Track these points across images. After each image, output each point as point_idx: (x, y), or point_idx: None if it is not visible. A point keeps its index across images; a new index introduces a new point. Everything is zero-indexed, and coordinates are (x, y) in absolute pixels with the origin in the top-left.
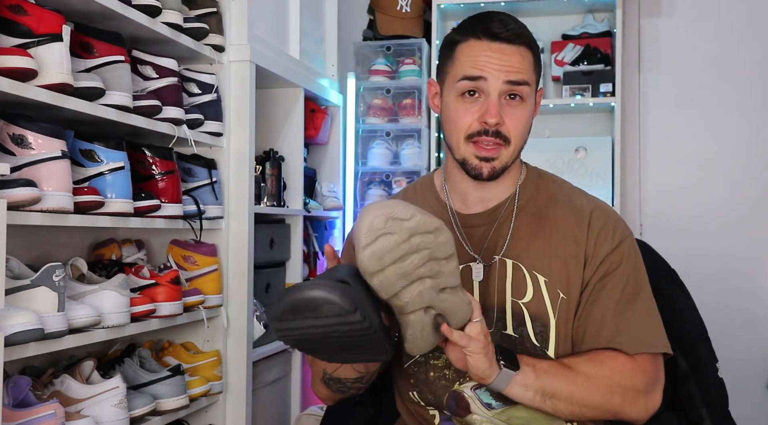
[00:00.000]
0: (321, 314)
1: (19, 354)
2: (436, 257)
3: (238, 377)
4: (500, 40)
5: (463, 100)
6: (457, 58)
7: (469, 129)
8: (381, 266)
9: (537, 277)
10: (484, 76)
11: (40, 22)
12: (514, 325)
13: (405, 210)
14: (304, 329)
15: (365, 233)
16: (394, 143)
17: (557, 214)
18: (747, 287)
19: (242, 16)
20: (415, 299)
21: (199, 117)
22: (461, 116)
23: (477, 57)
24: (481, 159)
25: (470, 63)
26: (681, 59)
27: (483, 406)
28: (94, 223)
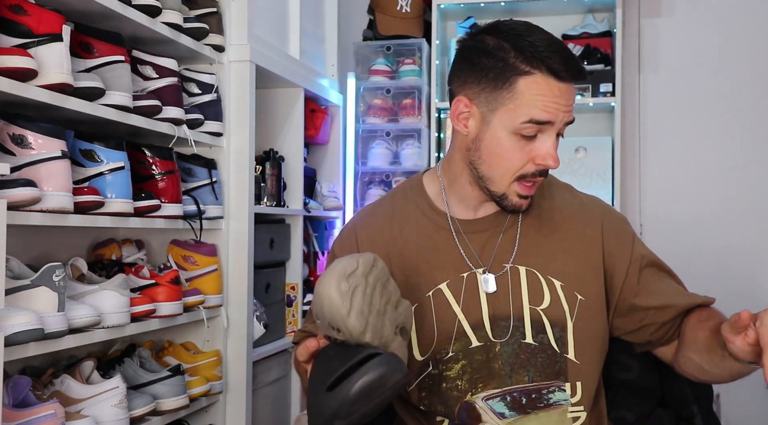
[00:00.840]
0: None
1: (19, 354)
2: (383, 281)
3: (238, 377)
4: (567, 80)
5: (519, 140)
6: (522, 95)
7: (523, 170)
8: (366, 321)
9: (553, 282)
10: (552, 122)
11: (40, 22)
12: (533, 333)
13: (349, 262)
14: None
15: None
16: (394, 143)
17: (564, 215)
18: (747, 286)
19: (242, 16)
20: (389, 327)
21: (199, 117)
22: (516, 156)
23: (546, 100)
24: (522, 197)
25: (540, 106)
26: (681, 59)
27: (496, 416)
28: (94, 223)
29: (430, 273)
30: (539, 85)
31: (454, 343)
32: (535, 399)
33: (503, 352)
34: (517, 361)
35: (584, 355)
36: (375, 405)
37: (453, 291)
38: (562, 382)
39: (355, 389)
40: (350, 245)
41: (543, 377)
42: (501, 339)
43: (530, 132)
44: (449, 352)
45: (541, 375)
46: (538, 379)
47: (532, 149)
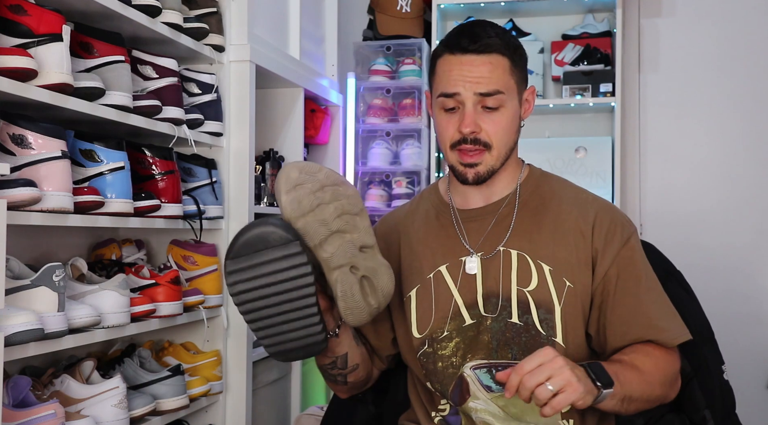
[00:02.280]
0: (270, 244)
1: (19, 354)
2: (349, 212)
3: (238, 377)
4: (469, 52)
5: (444, 114)
6: (437, 74)
7: (452, 139)
8: (301, 212)
9: (542, 266)
10: (456, 92)
11: (40, 22)
12: (519, 313)
13: (314, 166)
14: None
15: (284, 183)
16: (394, 143)
17: (561, 208)
18: (747, 286)
19: (242, 16)
20: (338, 252)
21: (199, 117)
22: (444, 127)
23: (450, 73)
24: (465, 165)
25: (445, 79)
26: (681, 59)
27: (483, 388)
28: (94, 223)
29: (432, 257)
30: (446, 62)
31: (450, 322)
32: None
33: (492, 327)
34: (503, 338)
35: (571, 340)
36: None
37: (452, 274)
38: None
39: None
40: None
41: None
42: (491, 315)
43: (449, 105)
44: (444, 331)
45: (524, 354)
46: (521, 358)
47: (455, 120)
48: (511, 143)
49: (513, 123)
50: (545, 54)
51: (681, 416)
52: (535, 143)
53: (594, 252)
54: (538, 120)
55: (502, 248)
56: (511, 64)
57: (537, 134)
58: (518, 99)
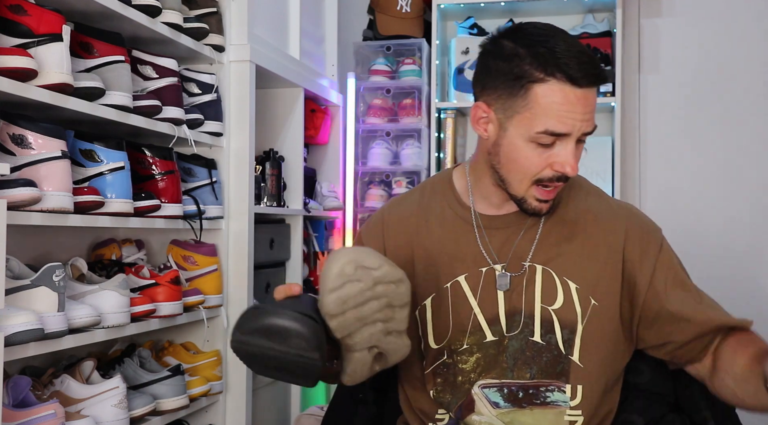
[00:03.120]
0: (288, 344)
1: (19, 354)
2: (393, 305)
3: (238, 377)
4: (591, 85)
5: (536, 147)
6: (537, 104)
7: (540, 174)
8: (342, 310)
9: (568, 283)
10: (568, 134)
11: (40, 22)
12: (542, 332)
13: (374, 259)
14: (263, 348)
15: (334, 278)
16: (394, 143)
17: (588, 219)
18: (747, 287)
19: (242, 16)
20: (364, 340)
21: (199, 117)
22: (531, 162)
23: (561, 110)
24: (541, 201)
25: (554, 117)
26: (681, 59)
27: (489, 404)
28: (94, 223)
29: (449, 265)
30: (554, 94)
31: (469, 336)
32: (532, 395)
33: (510, 345)
34: (521, 357)
35: (589, 359)
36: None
37: (471, 285)
38: (563, 383)
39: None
40: (377, 229)
41: (544, 375)
42: (511, 333)
43: (546, 141)
44: (464, 344)
45: (543, 373)
46: (539, 377)
47: (551, 155)
48: None
49: None
50: None
51: (682, 416)
52: None
53: (629, 265)
54: None
55: (527, 264)
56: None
57: None
58: None
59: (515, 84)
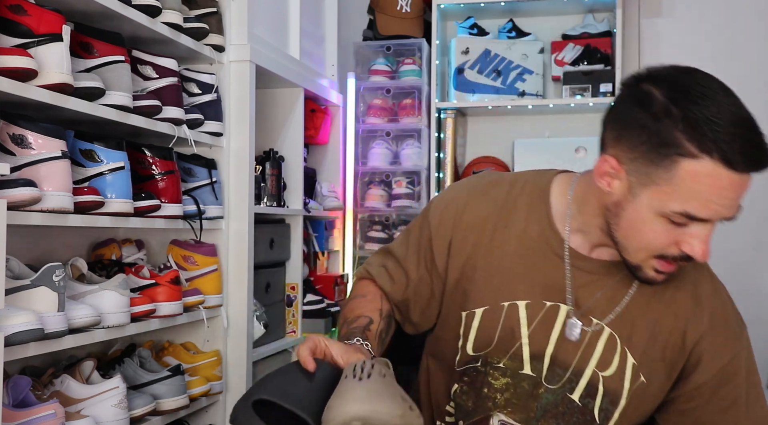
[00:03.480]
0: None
1: (19, 354)
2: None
3: (238, 377)
4: (743, 171)
5: (666, 223)
6: (682, 181)
7: (664, 250)
8: None
9: (627, 354)
10: (709, 220)
11: (40, 22)
12: (583, 393)
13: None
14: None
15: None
16: (394, 143)
17: (676, 296)
18: (747, 287)
19: (242, 16)
20: None
21: (199, 117)
22: (659, 238)
23: (708, 194)
24: (659, 272)
25: (698, 200)
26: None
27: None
28: (94, 223)
29: (514, 285)
30: (705, 175)
31: (509, 359)
32: None
33: (545, 397)
34: (552, 410)
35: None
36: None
37: (528, 314)
38: None
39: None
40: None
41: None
42: (550, 385)
43: (680, 221)
44: (500, 362)
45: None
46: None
47: (681, 234)
48: None
49: None
50: (545, 54)
51: None
52: (535, 143)
53: (694, 360)
54: (538, 120)
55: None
56: None
57: (537, 134)
58: None
59: (660, 151)
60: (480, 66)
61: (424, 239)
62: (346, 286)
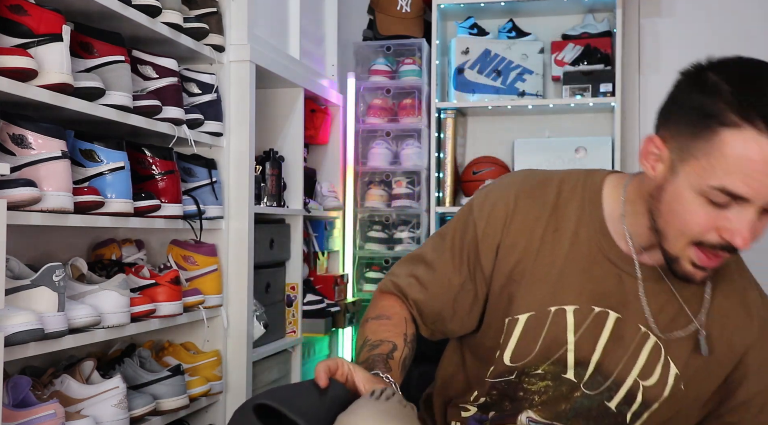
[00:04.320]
0: None
1: (19, 354)
2: None
3: (238, 377)
4: None
5: (706, 204)
6: (720, 153)
7: (702, 236)
8: None
9: (670, 364)
10: (749, 200)
11: (40, 22)
12: (620, 401)
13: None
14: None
15: None
16: (394, 143)
17: (724, 304)
18: None
19: (242, 16)
20: None
21: (199, 117)
22: (697, 220)
23: (749, 168)
24: (697, 267)
25: (738, 174)
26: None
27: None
28: (94, 223)
29: (562, 290)
30: (746, 146)
31: (550, 365)
32: None
33: (580, 401)
34: (585, 413)
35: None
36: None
37: (576, 319)
38: None
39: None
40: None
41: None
42: (588, 390)
43: (721, 200)
44: (539, 369)
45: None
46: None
47: (721, 218)
48: None
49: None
50: (545, 54)
51: None
52: (535, 143)
53: (741, 371)
54: (538, 120)
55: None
56: None
57: (537, 134)
58: None
59: (702, 123)
60: (480, 66)
61: (468, 240)
62: (346, 286)
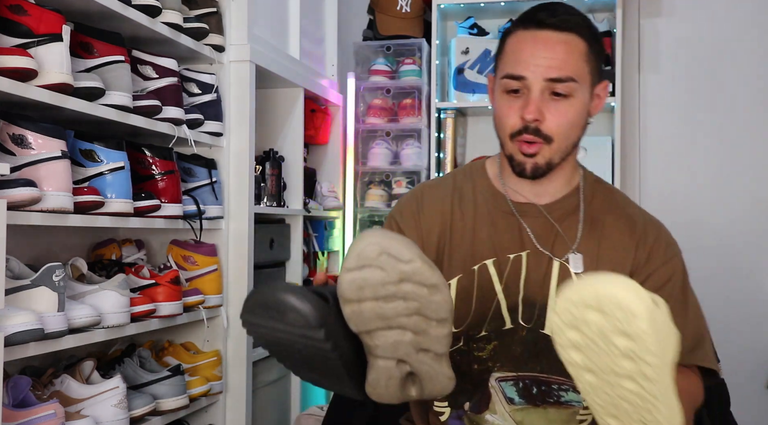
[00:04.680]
0: (286, 320)
1: (19, 354)
2: (426, 315)
3: (238, 377)
4: (546, 27)
5: (506, 96)
6: (504, 52)
7: (513, 127)
8: (358, 298)
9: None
10: (524, 76)
11: (40, 22)
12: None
13: (406, 251)
14: (269, 329)
15: (353, 258)
16: (394, 143)
17: (608, 220)
18: (747, 287)
19: (242, 16)
20: (387, 346)
21: (199, 117)
22: (506, 114)
23: (521, 52)
24: (525, 155)
25: (513, 59)
26: (681, 59)
27: (505, 399)
28: (94, 223)
29: (479, 249)
30: (518, 40)
31: (489, 323)
32: (546, 392)
33: (526, 339)
34: (534, 349)
35: None
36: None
37: (497, 270)
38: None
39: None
40: (411, 208)
41: (553, 371)
42: (526, 324)
43: (513, 86)
44: (482, 331)
45: (552, 369)
46: (548, 372)
47: (518, 106)
48: (575, 139)
49: (580, 117)
50: None
51: None
52: None
53: (633, 267)
54: None
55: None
56: (589, 50)
57: None
58: (590, 91)
59: (500, 43)
60: (480, 66)
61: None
62: None
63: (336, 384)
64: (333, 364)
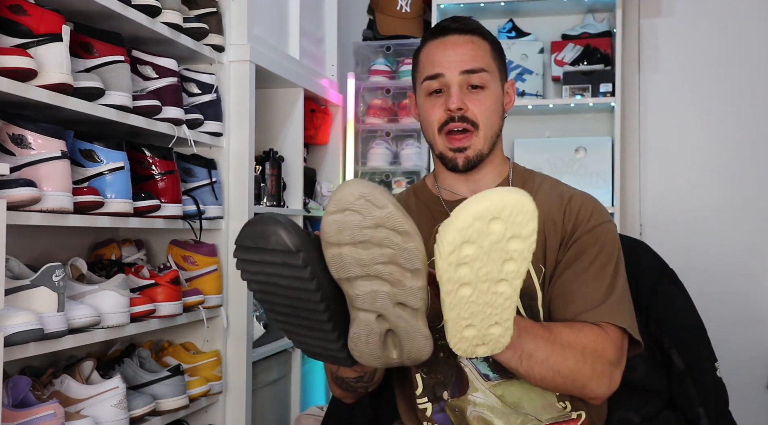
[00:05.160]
0: (269, 245)
1: (19, 354)
2: (400, 264)
3: (238, 377)
4: (450, 33)
5: (429, 98)
6: (420, 63)
7: (439, 120)
8: (338, 241)
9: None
10: (441, 73)
11: (40, 22)
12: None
13: (381, 198)
14: (256, 263)
15: (333, 203)
16: (394, 143)
17: (540, 199)
18: (747, 286)
19: (242, 16)
20: (366, 296)
21: (198, 117)
22: (430, 112)
23: (433, 56)
24: (454, 151)
25: (428, 64)
26: (681, 59)
27: (481, 377)
28: (93, 223)
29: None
30: (429, 49)
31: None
32: None
33: None
34: None
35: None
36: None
37: None
38: None
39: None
40: None
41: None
42: None
43: (434, 87)
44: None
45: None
46: None
47: (444, 102)
48: (497, 127)
49: (497, 105)
50: (545, 54)
51: (676, 413)
52: (535, 143)
53: (563, 234)
54: (538, 120)
55: None
56: (492, 49)
57: (537, 134)
58: (501, 85)
59: (414, 63)
60: None
61: None
62: None
63: (322, 340)
64: (318, 316)
